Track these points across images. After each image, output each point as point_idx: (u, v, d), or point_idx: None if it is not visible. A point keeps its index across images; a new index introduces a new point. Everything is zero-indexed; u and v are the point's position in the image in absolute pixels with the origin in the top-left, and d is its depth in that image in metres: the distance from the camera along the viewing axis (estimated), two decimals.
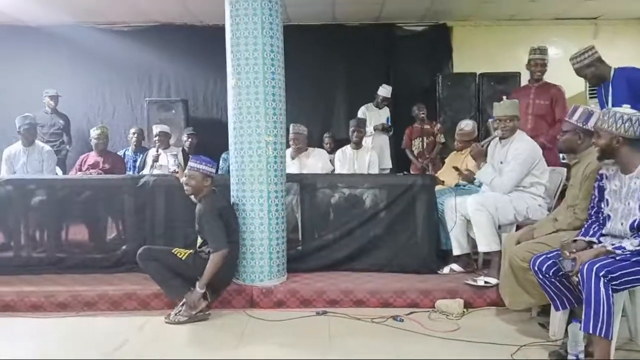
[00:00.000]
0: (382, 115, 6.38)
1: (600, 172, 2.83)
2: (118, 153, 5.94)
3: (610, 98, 3.69)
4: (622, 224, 2.67)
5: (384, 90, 6.35)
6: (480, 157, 3.90)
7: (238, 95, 3.72)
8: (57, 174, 5.37)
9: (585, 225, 2.87)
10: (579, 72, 3.79)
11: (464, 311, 3.42)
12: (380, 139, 6.31)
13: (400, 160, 6.57)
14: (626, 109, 2.65)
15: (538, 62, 4.55)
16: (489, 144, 3.98)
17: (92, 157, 5.45)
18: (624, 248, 2.49)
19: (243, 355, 2.91)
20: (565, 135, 3.11)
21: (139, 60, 7.30)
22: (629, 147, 2.61)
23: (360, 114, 6.32)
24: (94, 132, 5.45)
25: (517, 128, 3.79)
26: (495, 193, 3.75)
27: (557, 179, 3.90)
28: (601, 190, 2.81)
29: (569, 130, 3.09)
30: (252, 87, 3.67)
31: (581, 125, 3.03)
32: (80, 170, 5.38)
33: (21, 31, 7.15)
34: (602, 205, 2.81)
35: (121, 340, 3.08)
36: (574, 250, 2.68)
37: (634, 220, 2.59)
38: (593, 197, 2.88)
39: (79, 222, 4.55)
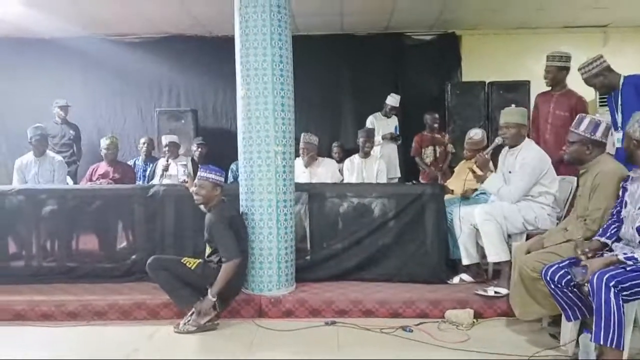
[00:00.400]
0: (391, 125, 6.39)
1: (629, 174, 2.82)
2: (128, 163, 5.99)
3: (620, 106, 3.68)
4: (632, 227, 2.66)
5: (393, 100, 6.36)
6: (486, 166, 3.88)
7: (247, 106, 3.74)
8: (67, 184, 5.42)
9: (605, 225, 2.87)
10: (587, 81, 3.79)
11: (474, 321, 3.40)
12: (388, 148, 6.31)
13: (409, 169, 6.57)
14: None
15: (546, 70, 4.47)
16: (492, 152, 3.96)
17: (103, 167, 5.51)
18: (636, 259, 2.47)
19: None
20: (572, 146, 3.08)
21: (149, 71, 7.39)
22: None
23: (368, 123, 6.34)
24: (103, 142, 5.52)
25: (522, 136, 3.76)
26: (504, 202, 3.73)
27: (567, 188, 3.88)
28: (625, 192, 2.80)
29: (576, 141, 3.06)
30: (261, 97, 3.69)
31: (589, 136, 3.01)
32: (90, 180, 5.43)
33: (33, 43, 7.25)
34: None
35: (131, 349, 3.09)
36: (587, 250, 2.66)
37: None
38: (619, 198, 2.86)
39: (90, 231, 4.57)
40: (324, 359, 2.93)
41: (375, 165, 5.53)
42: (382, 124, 6.33)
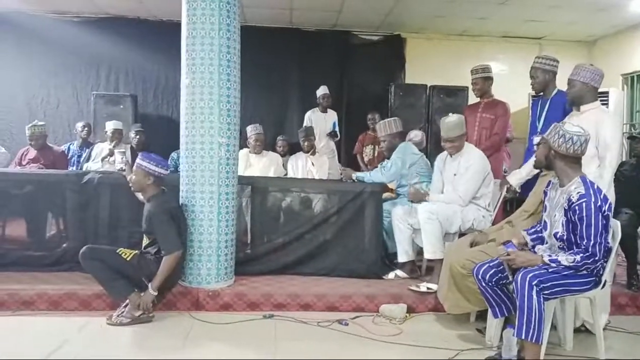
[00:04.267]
0: (328, 120, 6.37)
1: (550, 179, 2.97)
2: (62, 147, 5.74)
3: (544, 115, 3.86)
4: (551, 233, 2.83)
5: (321, 89, 6.38)
6: (421, 198, 3.98)
7: (192, 95, 3.68)
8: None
9: (534, 224, 3.05)
10: (534, 71, 3.89)
11: (406, 316, 3.52)
12: (329, 144, 6.34)
13: (350, 167, 6.65)
14: (572, 125, 2.76)
15: (473, 82, 4.72)
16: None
17: (33, 151, 5.24)
18: (559, 262, 2.64)
19: (187, 357, 2.88)
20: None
21: (87, 52, 7.05)
22: (563, 162, 2.75)
23: (306, 119, 6.35)
24: (27, 131, 5.22)
25: (463, 144, 3.92)
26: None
27: (497, 191, 4.07)
28: (546, 196, 2.97)
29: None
30: (206, 87, 3.64)
31: None
32: (20, 164, 5.16)
33: None
34: None
35: (60, 340, 2.98)
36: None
37: (557, 232, 2.76)
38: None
39: (18, 218, 4.37)
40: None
41: (318, 162, 5.57)
42: (319, 120, 6.33)
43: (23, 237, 4.32)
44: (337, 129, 6.38)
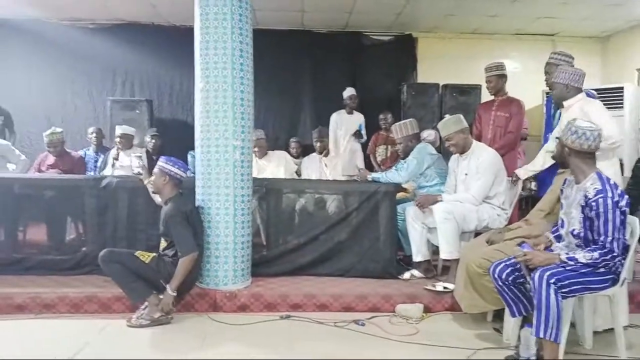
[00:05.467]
0: (355, 122, 6.35)
1: (566, 177, 2.95)
2: (79, 152, 5.82)
3: (560, 111, 3.83)
4: (568, 231, 2.82)
5: (347, 91, 6.36)
6: (431, 203, 3.92)
7: (206, 99, 3.72)
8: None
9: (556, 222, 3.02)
10: (549, 67, 3.88)
11: (423, 315, 3.52)
12: (353, 145, 6.34)
13: (368, 167, 6.65)
14: (583, 121, 2.76)
15: (487, 80, 4.68)
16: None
17: (52, 157, 5.31)
18: (576, 259, 2.62)
19: (205, 358, 2.92)
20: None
21: (103, 58, 7.14)
22: (578, 159, 2.73)
23: (332, 121, 6.31)
24: (45, 138, 5.26)
25: (469, 141, 3.93)
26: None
27: (514, 189, 4.05)
28: (562, 194, 2.95)
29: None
30: (220, 91, 3.68)
31: None
32: (39, 170, 5.24)
33: None
34: None
35: (82, 343, 3.04)
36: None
37: (574, 229, 2.74)
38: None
39: (39, 222, 4.45)
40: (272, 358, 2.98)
41: (332, 163, 5.58)
42: (345, 121, 6.32)
43: (43, 241, 4.39)
44: (363, 130, 6.35)
